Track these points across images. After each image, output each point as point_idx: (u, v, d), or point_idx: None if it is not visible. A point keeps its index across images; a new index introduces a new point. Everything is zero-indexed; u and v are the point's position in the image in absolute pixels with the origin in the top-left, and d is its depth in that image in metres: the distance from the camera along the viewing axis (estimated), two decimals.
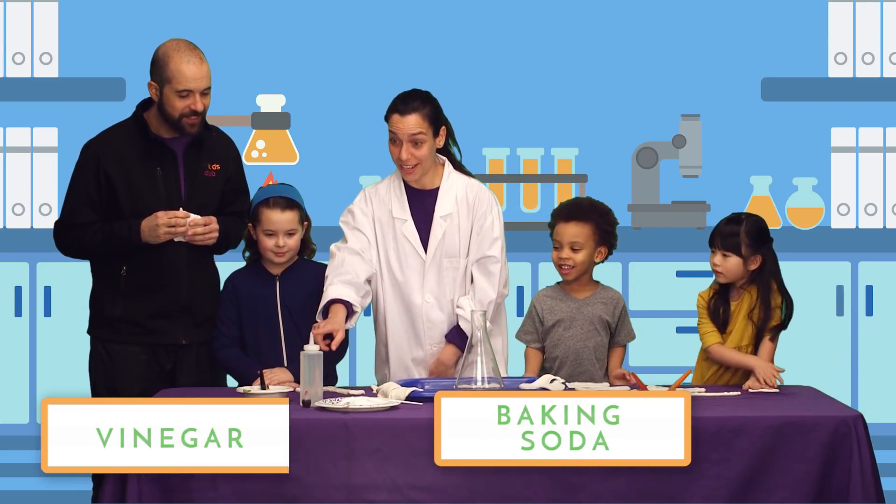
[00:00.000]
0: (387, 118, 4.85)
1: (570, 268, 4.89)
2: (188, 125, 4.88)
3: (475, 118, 7.16)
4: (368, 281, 4.87)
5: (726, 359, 4.78)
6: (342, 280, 4.79)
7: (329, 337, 4.63)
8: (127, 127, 4.99)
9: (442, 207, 4.89)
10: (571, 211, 4.93)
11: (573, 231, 4.89)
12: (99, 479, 4.53)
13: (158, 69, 4.87)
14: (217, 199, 4.99)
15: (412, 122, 4.80)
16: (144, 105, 4.99)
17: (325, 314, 4.75)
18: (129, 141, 4.94)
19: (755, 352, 4.78)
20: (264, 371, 4.69)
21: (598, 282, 4.98)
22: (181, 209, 4.87)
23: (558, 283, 4.99)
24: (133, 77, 5.13)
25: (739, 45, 7.39)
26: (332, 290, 4.77)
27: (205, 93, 4.87)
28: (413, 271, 4.89)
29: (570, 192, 7.12)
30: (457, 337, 4.83)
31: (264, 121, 7.19)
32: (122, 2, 7.34)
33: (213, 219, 4.91)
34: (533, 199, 7.31)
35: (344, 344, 4.82)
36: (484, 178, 7.04)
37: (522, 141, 7.31)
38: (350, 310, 4.75)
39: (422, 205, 4.90)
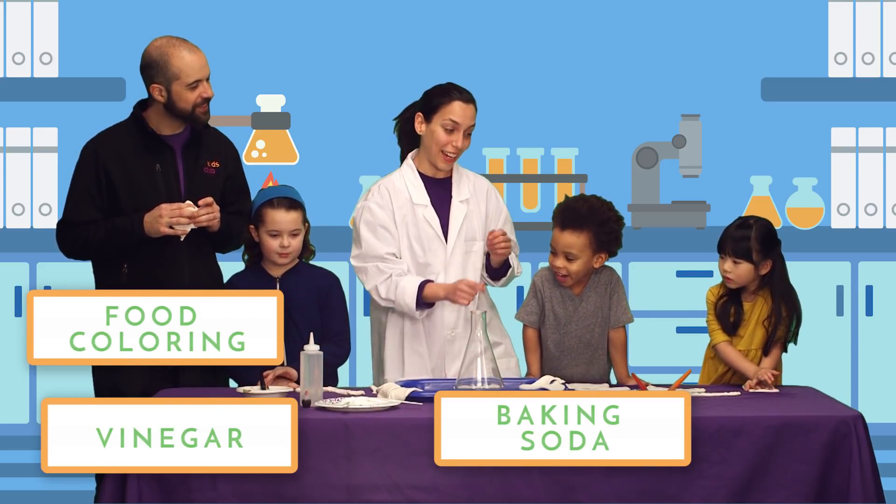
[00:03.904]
0: (442, 104, 4.89)
1: (566, 276, 4.81)
2: (201, 114, 4.93)
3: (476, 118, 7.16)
4: None
5: (730, 359, 4.76)
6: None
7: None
8: (125, 126, 5.01)
9: (460, 192, 4.98)
10: (567, 218, 4.78)
11: (568, 241, 4.76)
12: (102, 479, 4.53)
13: (160, 70, 4.88)
14: (218, 196, 4.98)
15: (473, 113, 4.93)
16: (142, 105, 5.00)
17: (419, 298, 4.84)
18: (127, 138, 4.96)
19: (764, 355, 4.76)
20: (268, 370, 4.71)
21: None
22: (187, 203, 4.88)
23: None
24: (133, 77, 5.11)
25: (739, 45, 7.38)
26: (409, 280, 4.87)
27: (208, 79, 4.92)
28: (435, 256, 4.93)
29: (570, 192, 7.11)
30: (489, 269, 4.98)
31: (264, 121, 7.18)
32: (122, 2, 7.34)
33: (211, 200, 4.90)
34: (533, 199, 7.31)
35: (346, 346, 4.92)
36: None
37: (522, 141, 7.31)
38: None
39: (437, 192, 4.97)
